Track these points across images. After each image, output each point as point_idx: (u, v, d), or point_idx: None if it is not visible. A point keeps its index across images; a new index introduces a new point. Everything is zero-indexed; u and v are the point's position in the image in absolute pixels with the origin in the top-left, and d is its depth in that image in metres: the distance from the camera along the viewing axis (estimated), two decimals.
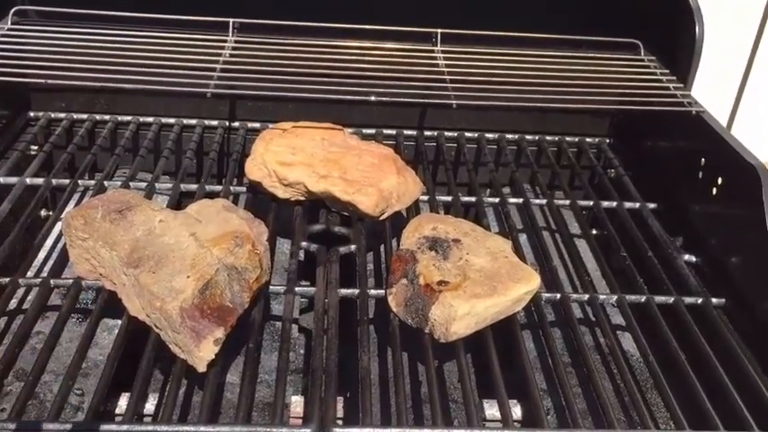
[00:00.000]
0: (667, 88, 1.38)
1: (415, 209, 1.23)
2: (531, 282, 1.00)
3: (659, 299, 1.08)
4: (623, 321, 1.09)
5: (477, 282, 0.98)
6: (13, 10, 1.43)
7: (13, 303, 1.08)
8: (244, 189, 1.28)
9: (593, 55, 1.49)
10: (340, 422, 0.90)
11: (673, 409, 0.91)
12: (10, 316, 1.09)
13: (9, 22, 1.42)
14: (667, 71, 1.45)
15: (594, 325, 1.15)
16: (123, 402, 1.00)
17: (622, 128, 1.57)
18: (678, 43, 1.44)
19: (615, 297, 1.09)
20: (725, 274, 1.14)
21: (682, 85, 1.40)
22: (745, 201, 1.11)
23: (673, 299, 1.09)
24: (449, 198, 1.29)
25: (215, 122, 1.51)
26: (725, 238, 1.17)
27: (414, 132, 1.51)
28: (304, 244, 1.13)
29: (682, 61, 1.42)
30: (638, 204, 1.32)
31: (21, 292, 1.10)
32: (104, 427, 0.79)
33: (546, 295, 1.07)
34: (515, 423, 0.97)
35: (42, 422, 0.79)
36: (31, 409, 0.95)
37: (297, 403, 1.02)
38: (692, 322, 1.04)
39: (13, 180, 1.25)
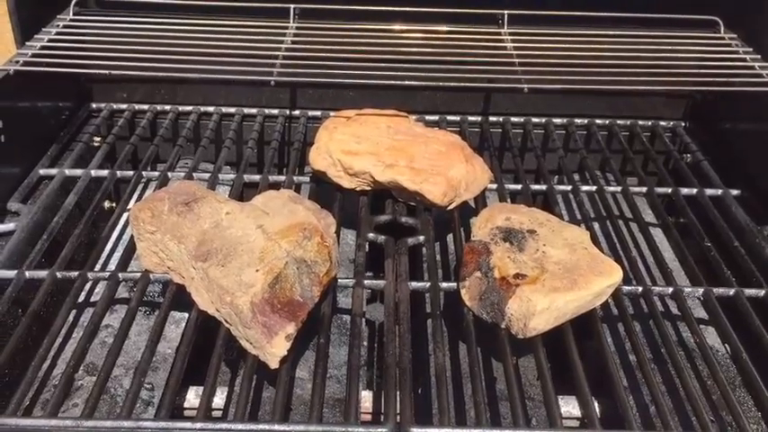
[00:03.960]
0: (752, 67, 1.30)
1: (482, 198, 1.18)
2: (614, 275, 0.95)
3: (749, 292, 1.02)
4: (706, 315, 1.03)
5: (556, 275, 0.93)
6: (74, 0, 1.42)
7: (81, 296, 1.08)
8: (307, 179, 1.25)
9: (669, 34, 1.41)
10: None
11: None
12: (78, 309, 1.09)
13: (71, 13, 1.42)
14: (750, 49, 1.36)
15: (677, 319, 1.09)
16: (191, 396, 0.99)
17: (700, 110, 1.49)
18: (762, 19, 1.35)
19: (701, 290, 1.02)
20: None
21: (767, 64, 1.32)
22: None
23: (764, 292, 1.02)
24: (518, 186, 1.24)
25: (275, 111, 1.48)
26: None
27: (478, 118, 1.47)
28: (371, 235, 1.09)
29: (766, 38, 1.34)
30: (720, 191, 1.25)
31: (88, 285, 1.10)
32: (179, 425, 0.77)
33: (626, 288, 1.02)
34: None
35: (120, 420, 0.78)
36: (102, 404, 0.94)
37: (365, 398, 1.00)
38: None
39: (78, 172, 1.25)
